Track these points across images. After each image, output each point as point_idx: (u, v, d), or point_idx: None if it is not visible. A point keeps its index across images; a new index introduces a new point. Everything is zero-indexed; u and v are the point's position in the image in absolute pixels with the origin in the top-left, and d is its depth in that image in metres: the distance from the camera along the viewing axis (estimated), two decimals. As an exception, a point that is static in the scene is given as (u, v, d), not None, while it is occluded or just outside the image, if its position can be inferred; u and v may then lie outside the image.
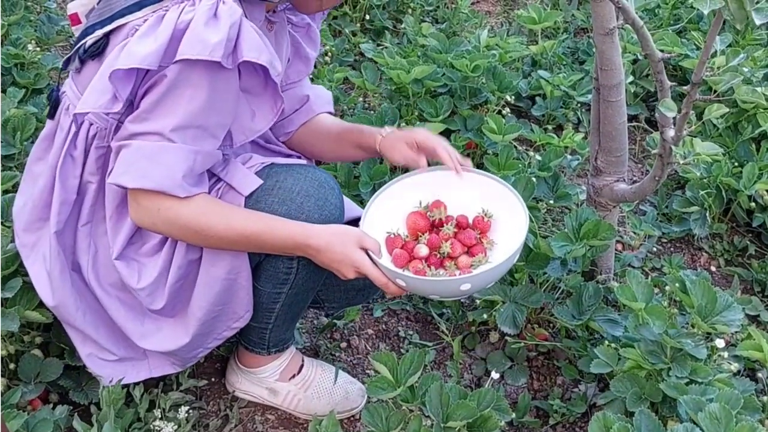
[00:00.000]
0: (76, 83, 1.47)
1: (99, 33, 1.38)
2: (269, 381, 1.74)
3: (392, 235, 1.57)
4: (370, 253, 1.45)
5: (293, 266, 1.54)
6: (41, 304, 1.60)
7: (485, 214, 1.59)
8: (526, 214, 1.53)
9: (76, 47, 1.43)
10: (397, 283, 1.44)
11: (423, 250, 1.54)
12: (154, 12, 1.34)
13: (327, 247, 1.44)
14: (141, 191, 1.37)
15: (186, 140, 1.35)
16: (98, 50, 1.40)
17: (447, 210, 1.61)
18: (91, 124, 1.44)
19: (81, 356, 1.60)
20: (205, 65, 1.32)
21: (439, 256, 1.55)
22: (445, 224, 1.58)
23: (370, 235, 1.48)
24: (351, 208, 1.78)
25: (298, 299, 1.62)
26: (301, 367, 1.76)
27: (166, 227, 1.41)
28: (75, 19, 1.47)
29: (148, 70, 1.33)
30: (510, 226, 1.55)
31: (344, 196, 1.83)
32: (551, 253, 1.79)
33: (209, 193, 1.46)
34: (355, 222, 1.71)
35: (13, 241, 1.64)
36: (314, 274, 1.57)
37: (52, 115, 1.50)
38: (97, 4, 1.44)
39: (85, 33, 1.41)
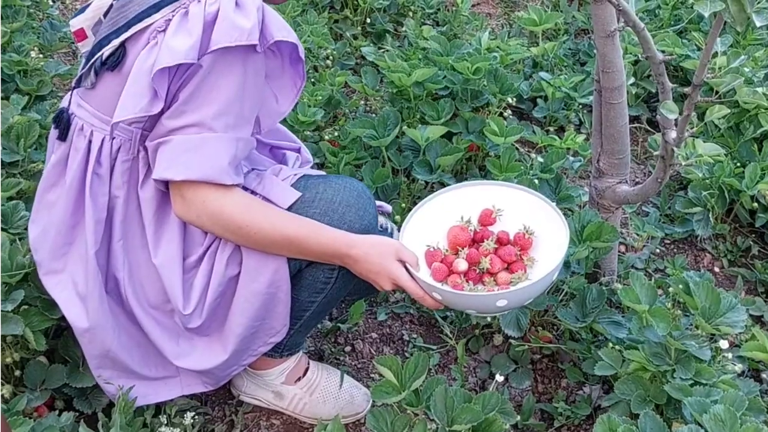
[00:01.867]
0: (89, 100, 1.45)
1: (116, 42, 1.37)
2: (275, 384, 1.74)
3: (432, 249, 1.57)
4: (408, 265, 1.46)
5: (333, 276, 1.54)
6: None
7: (526, 231, 1.59)
8: (567, 232, 1.53)
9: (91, 62, 1.41)
10: (434, 296, 1.45)
11: (462, 264, 1.54)
12: (174, 11, 1.34)
13: (366, 258, 1.45)
14: (186, 184, 1.37)
15: (227, 128, 1.37)
16: (117, 61, 1.39)
17: (493, 224, 1.62)
18: (114, 138, 1.43)
19: (102, 381, 1.57)
20: (239, 51, 1.34)
21: (478, 271, 1.55)
22: (485, 239, 1.58)
23: (408, 248, 1.49)
24: None
25: (328, 307, 1.64)
26: (307, 369, 1.77)
27: (210, 221, 1.41)
28: (81, 35, 1.47)
29: (179, 65, 1.33)
30: (551, 243, 1.56)
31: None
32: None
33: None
34: None
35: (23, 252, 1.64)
36: (349, 283, 1.58)
37: (63, 137, 1.48)
38: (104, 16, 1.43)
39: (100, 45, 1.40)
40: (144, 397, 1.59)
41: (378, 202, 1.80)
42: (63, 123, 1.48)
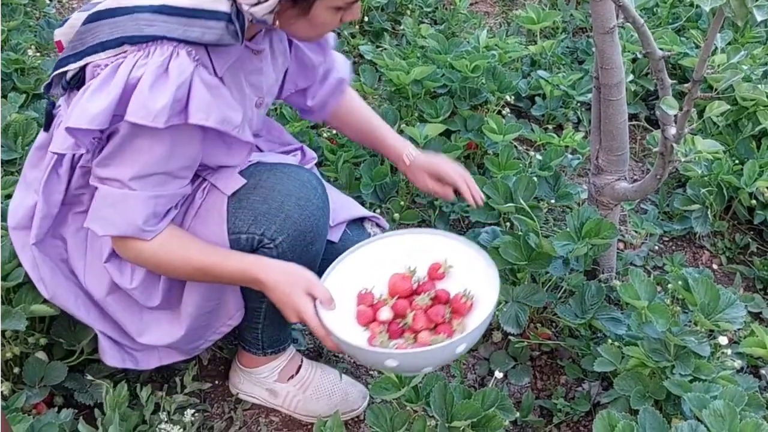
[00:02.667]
0: (68, 103, 1.48)
1: (72, 66, 1.38)
2: (268, 382, 1.74)
3: (365, 291, 1.52)
4: (318, 303, 1.43)
5: (272, 252, 1.54)
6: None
7: (465, 295, 1.49)
8: (494, 302, 1.42)
9: (52, 74, 1.43)
10: (332, 339, 1.41)
11: (385, 314, 1.48)
12: (115, 56, 1.33)
13: (275, 286, 1.44)
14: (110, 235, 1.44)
15: (146, 187, 1.38)
16: (78, 82, 1.40)
17: (443, 279, 1.54)
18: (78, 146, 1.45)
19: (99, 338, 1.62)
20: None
21: (401, 324, 1.48)
22: (422, 293, 1.51)
23: (323, 285, 1.45)
24: (351, 206, 1.80)
25: None
26: (300, 367, 1.77)
27: (137, 262, 1.48)
28: (60, 46, 1.47)
29: None
30: (485, 311, 1.43)
31: (347, 196, 1.83)
32: (553, 252, 1.79)
33: (195, 192, 1.50)
34: (356, 221, 1.72)
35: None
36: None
37: (46, 127, 1.52)
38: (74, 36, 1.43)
39: (59, 64, 1.40)
40: (132, 363, 1.64)
41: (372, 214, 1.82)
42: (47, 114, 1.52)
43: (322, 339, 1.42)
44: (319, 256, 1.61)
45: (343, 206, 1.78)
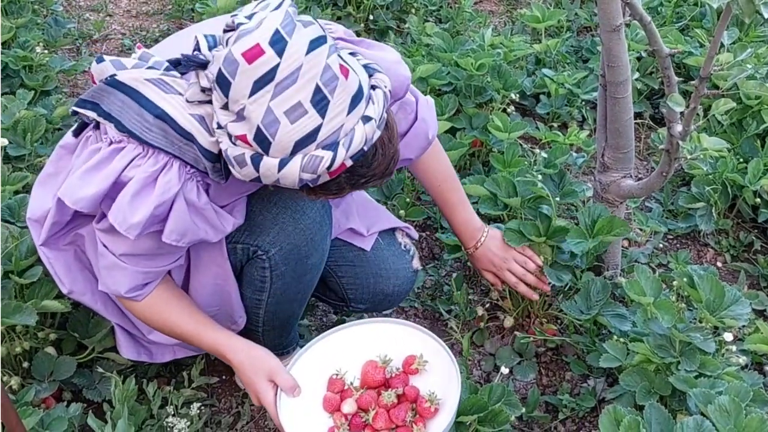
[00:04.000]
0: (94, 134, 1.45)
1: (90, 114, 1.35)
2: None
3: (336, 376, 1.54)
4: (280, 390, 1.46)
5: (266, 275, 1.57)
6: (60, 295, 1.63)
7: (431, 399, 1.49)
8: (453, 411, 1.44)
9: (75, 107, 1.38)
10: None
11: (348, 406, 1.50)
12: (119, 138, 1.31)
13: (240, 368, 1.49)
14: None
15: (137, 263, 1.41)
16: (96, 124, 1.39)
17: (414, 375, 1.55)
18: None
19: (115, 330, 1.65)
20: None
21: (363, 419, 1.49)
22: (390, 389, 1.52)
23: (287, 373, 1.47)
24: (383, 216, 1.81)
25: (282, 308, 1.65)
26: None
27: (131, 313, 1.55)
28: (93, 79, 1.43)
29: None
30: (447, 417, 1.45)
31: (380, 204, 1.85)
32: (569, 226, 1.82)
33: None
34: (388, 230, 1.78)
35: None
36: (291, 286, 1.60)
37: (77, 133, 1.48)
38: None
39: (83, 103, 1.36)
40: (147, 356, 1.67)
41: (403, 224, 1.83)
42: (80, 122, 1.46)
43: (278, 426, 1.45)
44: (317, 269, 1.62)
45: (378, 216, 1.79)
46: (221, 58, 1.17)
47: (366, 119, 1.21)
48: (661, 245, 2.33)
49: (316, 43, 1.17)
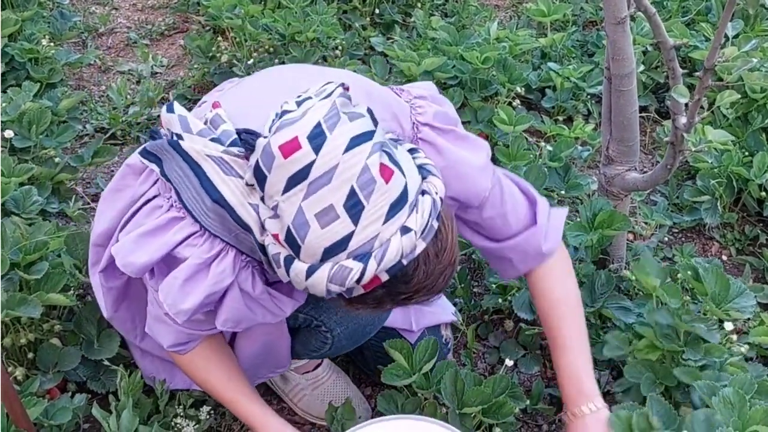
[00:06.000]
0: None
1: (154, 168, 1.25)
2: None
3: None
4: None
5: (326, 346, 1.57)
6: (65, 288, 1.63)
7: None
8: None
9: (141, 155, 1.27)
10: None
11: None
12: (179, 207, 1.24)
13: None
14: None
15: (183, 323, 1.35)
16: None
17: None
18: None
19: (133, 347, 1.64)
20: None
21: None
22: None
23: None
24: (435, 312, 1.78)
25: (326, 356, 1.69)
26: (318, 366, 1.78)
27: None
28: (162, 124, 1.34)
29: None
30: None
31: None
32: (565, 235, 1.80)
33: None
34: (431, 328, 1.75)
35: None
36: (345, 347, 1.61)
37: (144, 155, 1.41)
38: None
39: (145, 154, 1.26)
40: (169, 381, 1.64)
41: (451, 317, 1.78)
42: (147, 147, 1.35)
43: None
44: (371, 334, 1.62)
45: (431, 309, 1.77)
46: (260, 149, 1.08)
47: (405, 230, 1.07)
48: (666, 238, 2.33)
49: (358, 140, 1.06)
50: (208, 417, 1.66)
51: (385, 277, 1.10)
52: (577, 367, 1.46)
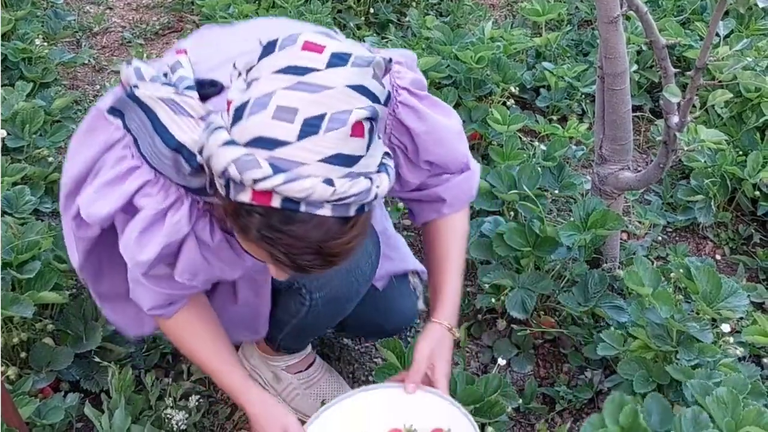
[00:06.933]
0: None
1: (118, 123, 1.27)
2: (277, 368, 1.76)
3: None
4: None
5: (303, 310, 1.56)
6: (57, 287, 1.63)
7: None
8: None
9: (107, 112, 1.30)
10: None
11: None
12: (132, 153, 1.24)
13: (254, 419, 1.45)
14: None
15: (157, 285, 1.35)
16: None
17: None
18: None
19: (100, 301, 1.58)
20: None
21: None
22: None
23: (302, 429, 1.41)
24: (402, 259, 1.75)
25: (307, 331, 1.65)
26: (311, 365, 1.78)
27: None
28: (122, 84, 1.34)
29: None
30: None
31: (404, 244, 1.79)
32: (558, 238, 1.80)
33: None
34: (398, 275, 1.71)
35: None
36: (322, 319, 1.59)
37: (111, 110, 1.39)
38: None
39: (111, 110, 1.28)
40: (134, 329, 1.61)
41: (419, 266, 1.76)
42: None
43: None
44: (350, 309, 1.61)
45: (399, 256, 1.75)
46: (288, 37, 1.07)
47: (329, 183, 1.03)
48: (660, 238, 2.33)
49: (365, 92, 1.05)
50: (197, 404, 1.66)
51: (276, 202, 1.04)
52: (444, 303, 1.53)
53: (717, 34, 1.32)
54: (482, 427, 1.59)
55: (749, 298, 1.77)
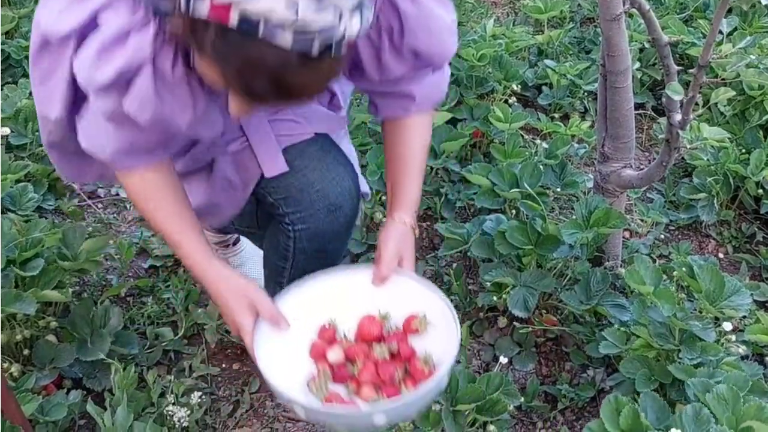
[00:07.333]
0: None
1: None
2: None
3: (328, 326, 1.41)
4: (264, 320, 1.34)
5: (290, 246, 1.54)
6: (60, 285, 1.63)
7: (426, 361, 1.35)
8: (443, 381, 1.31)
9: None
10: (268, 382, 1.29)
11: (335, 354, 1.36)
12: None
13: (217, 293, 1.39)
14: None
15: (121, 127, 1.27)
16: None
17: (414, 334, 1.40)
18: None
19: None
20: None
21: (349, 370, 1.36)
22: (383, 343, 1.39)
23: (271, 304, 1.36)
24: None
25: (293, 266, 1.61)
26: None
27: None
28: None
29: None
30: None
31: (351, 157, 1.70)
32: (559, 236, 1.80)
33: (234, 143, 1.43)
34: None
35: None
36: (312, 263, 1.55)
37: None
38: None
39: None
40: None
41: (366, 189, 1.70)
42: None
43: (252, 357, 1.33)
44: (337, 255, 1.59)
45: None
46: None
47: (292, 5, 0.97)
48: (662, 236, 2.33)
49: None
50: (199, 401, 1.66)
51: (234, 17, 0.99)
52: (403, 197, 1.51)
53: (720, 32, 1.31)
54: (484, 425, 1.59)
55: (752, 296, 1.77)
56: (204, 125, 1.33)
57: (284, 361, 1.32)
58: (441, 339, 1.35)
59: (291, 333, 1.36)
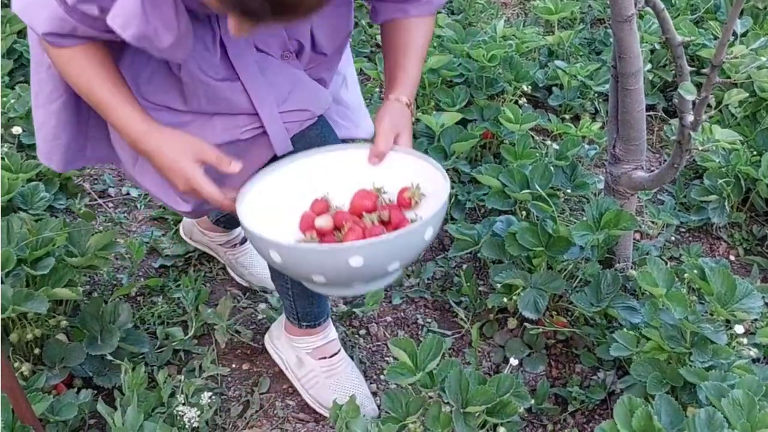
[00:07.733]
0: None
1: None
2: (301, 351, 1.76)
3: (321, 198, 1.41)
4: (215, 163, 1.31)
5: None
6: (71, 283, 1.63)
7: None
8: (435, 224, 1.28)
9: None
10: (245, 230, 1.28)
11: (323, 221, 1.34)
12: None
13: (159, 151, 1.33)
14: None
15: (73, 11, 1.23)
16: None
17: (408, 207, 1.40)
18: None
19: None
20: None
21: (335, 238, 1.35)
22: (376, 211, 1.38)
23: (212, 146, 1.32)
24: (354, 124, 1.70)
25: None
26: (335, 355, 1.78)
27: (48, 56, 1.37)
28: None
29: None
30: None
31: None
32: (570, 237, 1.79)
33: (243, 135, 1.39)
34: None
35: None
36: None
37: None
38: None
39: None
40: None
41: (370, 133, 1.68)
42: None
43: (218, 203, 1.33)
44: None
45: (351, 125, 1.69)
46: None
47: None
48: (673, 238, 2.32)
49: None
50: (209, 401, 1.66)
51: None
52: (413, 73, 1.50)
53: (733, 33, 1.30)
54: (494, 427, 1.59)
55: (764, 299, 1.77)
56: (182, 48, 1.28)
57: (272, 227, 1.29)
58: (433, 205, 1.32)
59: (283, 205, 1.35)
